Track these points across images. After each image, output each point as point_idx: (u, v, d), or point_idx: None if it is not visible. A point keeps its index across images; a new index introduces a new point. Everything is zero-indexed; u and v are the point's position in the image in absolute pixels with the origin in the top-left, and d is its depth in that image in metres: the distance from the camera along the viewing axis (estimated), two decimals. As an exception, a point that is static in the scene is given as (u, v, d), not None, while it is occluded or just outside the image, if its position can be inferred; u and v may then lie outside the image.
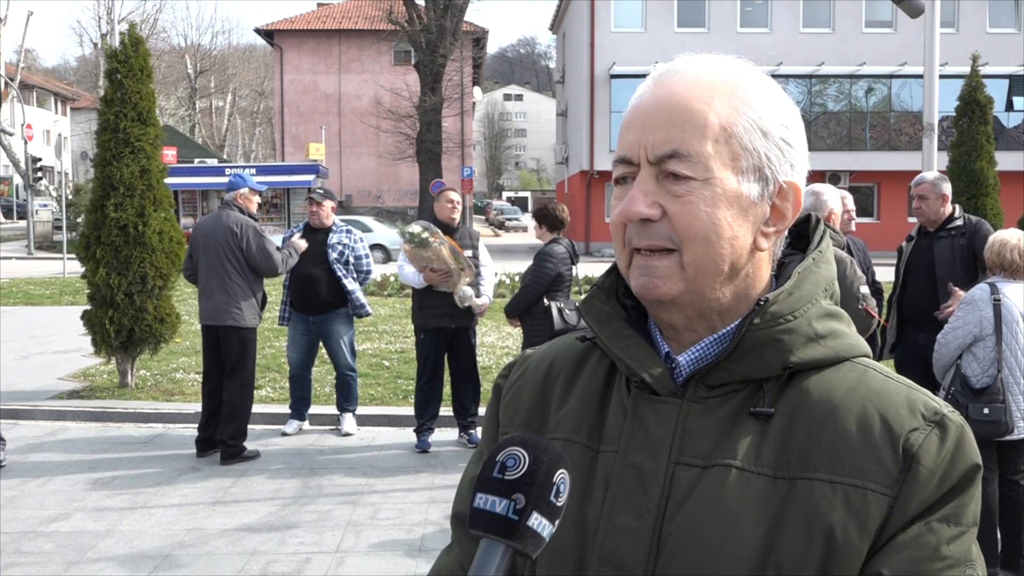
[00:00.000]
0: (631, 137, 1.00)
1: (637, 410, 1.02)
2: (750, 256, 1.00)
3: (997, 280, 4.47)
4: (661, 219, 0.97)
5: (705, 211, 0.96)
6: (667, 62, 1.05)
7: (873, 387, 0.97)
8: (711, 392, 1.00)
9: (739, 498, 0.94)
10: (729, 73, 1.01)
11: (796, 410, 0.97)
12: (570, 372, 1.12)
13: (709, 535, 0.94)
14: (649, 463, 0.99)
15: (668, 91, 1.00)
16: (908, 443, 0.93)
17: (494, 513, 0.84)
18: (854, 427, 0.94)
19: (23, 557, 4.89)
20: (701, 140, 0.97)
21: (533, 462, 0.86)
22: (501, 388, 1.18)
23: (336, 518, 5.53)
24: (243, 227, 6.64)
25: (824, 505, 0.92)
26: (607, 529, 0.99)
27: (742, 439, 0.96)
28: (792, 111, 1.03)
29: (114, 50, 8.41)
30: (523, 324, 6.59)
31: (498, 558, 0.84)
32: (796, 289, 0.99)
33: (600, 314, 1.08)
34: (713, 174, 0.97)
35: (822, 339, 0.99)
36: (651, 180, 0.98)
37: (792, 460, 0.94)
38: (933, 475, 0.92)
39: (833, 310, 1.02)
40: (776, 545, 0.92)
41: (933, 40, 5.06)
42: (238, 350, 6.67)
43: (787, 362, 0.97)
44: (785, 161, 1.01)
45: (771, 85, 1.02)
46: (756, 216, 1.00)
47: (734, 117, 0.98)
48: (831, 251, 1.06)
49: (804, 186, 1.04)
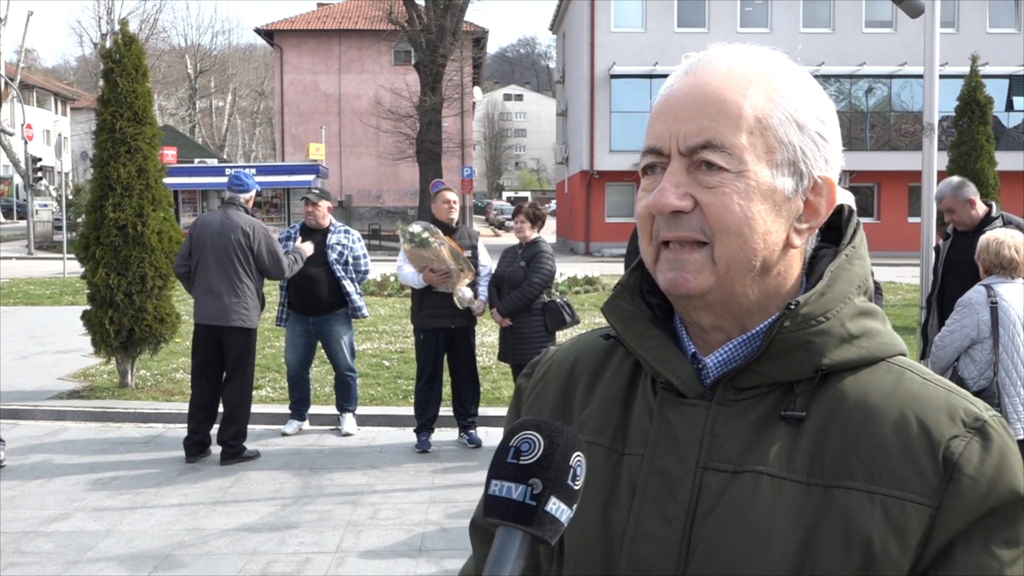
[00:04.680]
0: (661, 127, 0.97)
1: (664, 413, 0.99)
2: (782, 253, 0.97)
3: (993, 281, 4.46)
4: (693, 210, 0.94)
5: (739, 203, 0.93)
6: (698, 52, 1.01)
7: (911, 391, 0.94)
8: (740, 395, 0.97)
9: (771, 505, 0.91)
10: (764, 64, 0.98)
11: (830, 414, 0.93)
12: (593, 371, 1.09)
13: (740, 543, 0.91)
14: (677, 468, 0.96)
15: (701, 81, 0.96)
16: (948, 451, 0.89)
17: (510, 499, 0.82)
18: (892, 434, 0.91)
19: (23, 557, 4.89)
20: (735, 131, 0.94)
21: (548, 445, 0.83)
22: (523, 389, 1.15)
23: (336, 518, 5.53)
24: (256, 229, 6.65)
25: (862, 516, 0.88)
26: (634, 536, 0.96)
27: (773, 444, 0.93)
28: (827, 105, 0.99)
29: (108, 50, 8.41)
30: (517, 321, 6.58)
31: (516, 545, 0.81)
32: (828, 289, 0.96)
33: (625, 314, 1.04)
34: (747, 167, 0.94)
35: (855, 339, 0.96)
36: (682, 171, 0.95)
37: (827, 467, 0.91)
38: (976, 484, 0.88)
39: (867, 308, 0.98)
40: (811, 556, 0.89)
41: (933, 40, 5.06)
42: (242, 350, 6.66)
43: (819, 364, 0.94)
44: (820, 156, 0.98)
45: (806, 77, 0.99)
46: (790, 212, 0.97)
47: (769, 109, 0.95)
48: (865, 245, 1.03)
49: (838, 181, 1.01)
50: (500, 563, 0.81)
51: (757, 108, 0.95)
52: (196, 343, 6.74)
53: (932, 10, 5.04)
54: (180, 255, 6.79)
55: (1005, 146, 26.01)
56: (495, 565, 0.81)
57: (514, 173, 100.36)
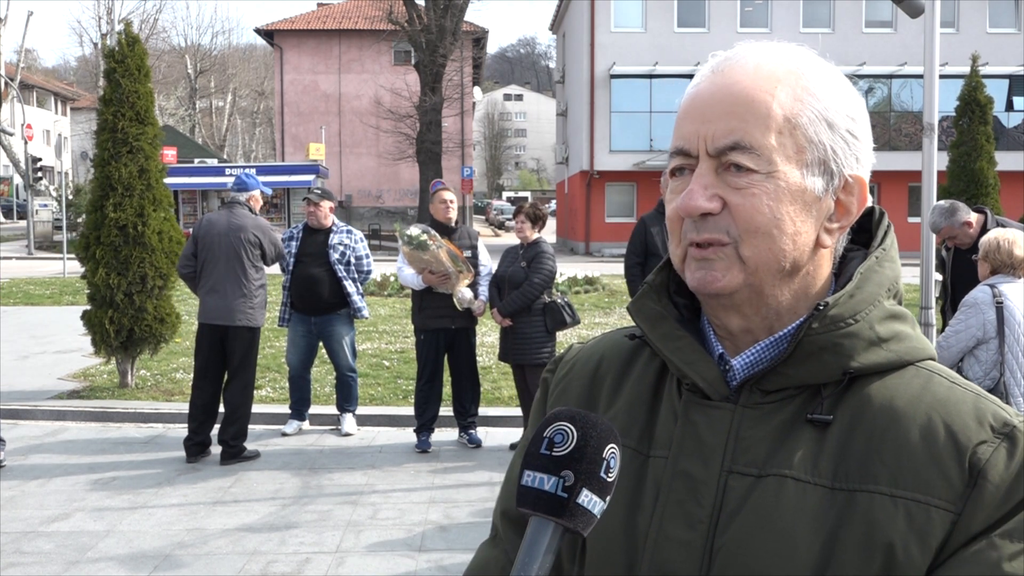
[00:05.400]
0: (689, 128, 0.95)
1: (688, 415, 0.98)
2: (812, 253, 0.96)
3: (998, 281, 4.45)
4: (721, 212, 0.93)
5: (768, 204, 0.92)
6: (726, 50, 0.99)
7: (939, 395, 0.93)
8: (766, 398, 0.96)
9: (795, 510, 0.90)
10: (792, 62, 0.96)
11: (856, 417, 0.93)
12: (619, 371, 1.08)
13: (763, 548, 0.90)
14: (701, 471, 0.96)
15: (728, 80, 0.95)
16: (975, 457, 0.88)
17: (542, 491, 0.82)
18: (918, 438, 0.90)
19: (23, 557, 4.89)
20: (764, 132, 0.92)
21: (582, 437, 0.83)
22: (549, 382, 1.14)
23: (336, 518, 5.53)
24: (264, 230, 6.75)
25: (885, 520, 0.88)
26: (657, 539, 0.96)
27: (798, 448, 0.92)
28: (858, 102, 0.98)
29: (111, 50, 8.42)
30: (518, 322, 6.58)
31: (548, 537, 0.81)
32: (858, 291, 0.95)
33: (651, 314, 1.03)
34: (776, 167, 0.93)
35: (884, 343, 0.95)
36: (711, 173, 0.94)
37: (851, 470, 0.90)
38: (999, 490, 0.87)
39: (896, 311, 0.97)
40: (834, 560, 0.88)
41: (933, 40, 5.06)
42: (246, 350, 6.66)
43: (847, 367, 0.93)
44: (851, 154, 0.96)
45: (836, 74, 0.98)
46: (820, 211, 0.96)
47: (798, 108, 0.94)
48: (895, 248, 1.02)
49: (869, 180, 0.99)
50: (532, 552, 0.81)
51: (786, 107, 0.93)
52: (199, 343, 6.73)
53: (932, 10, 5.04)
54: (184, 256, 6.79)
55: (1005, 146, 26.02)
56: (527, 555, 0.81)
57: (514, 173, 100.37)
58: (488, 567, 1.13)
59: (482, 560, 1.14)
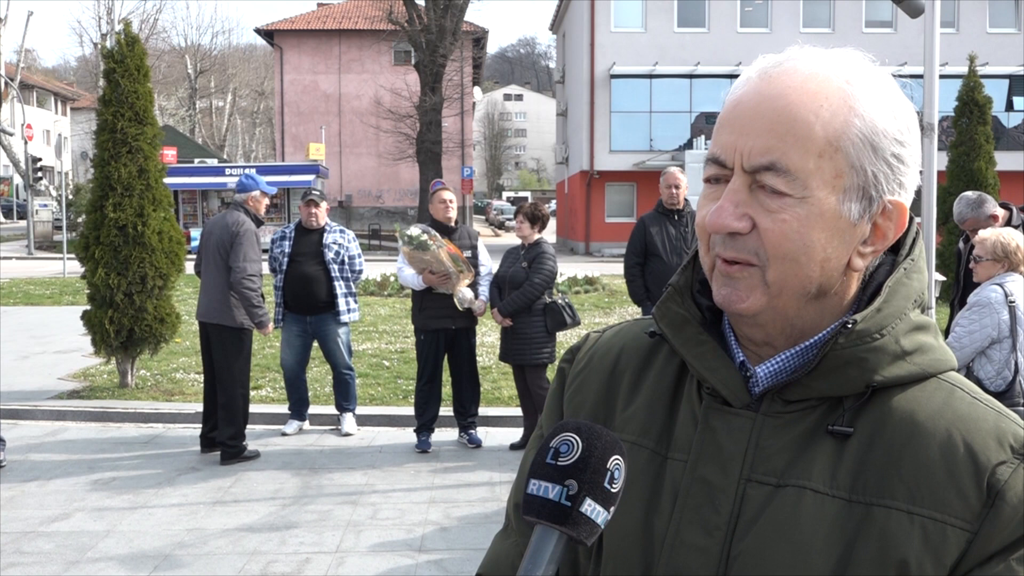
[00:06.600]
0: (727, 139, 0.93)
1: (708, 421, 0.98)
2: (842, 275, 0.94)
3: (1004, 279, 4.42)
4: (750, 232, 0.91)
5: (797, 231, 0.90)
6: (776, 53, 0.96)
7: (960, 411, 0.92)
8: (787, 407, 0.95)
9: (812, 522, 0.90)
10: (843, 75, 0.92)
11: (876, 430, 0.92)
12: (638, 368, 1.07)
13: (779, 559, 0.90)
14: (719, 478, 0.95)
15: (774, 91, 0.91)
16: (994, 478, 0.87)
17: (547, 499, 0.83)
18: (937, 455, 0.89)
19: (23, 557, 4.89)
20: (803, 154, 0.89)
21: (586, 448, 0.84)
22: (565, 373, 1.13)
23: (336, 518, 5.53)
24: (239, 226, 6.64)
25: (900, 536, 0.87)
26: (674, 543, 0.96)
27: (818, 459, 0.92)
28: (909, 121, 0.93)
29: (110, 50, 8.42)
30: (518, 322, 6.59)
31: (552, 545, 0.83)
32: (885, 305, 0.93)
33: (676, 318, 1.02)
34: (811, 192, 0.89)
35: (909, 356, 0.93)
36: (743, 189, 0.91)
37: (869, 484, 0.90)
38: (1017, 512, 0.86)
39: (921, 322, 0.95)
40: (848, 573, 0.88)
41: (933, 40, 5.05)
42: (227, 349, 6.67)
43: (871, 381, 0.92)
44: (894, 179, 0.93)
45: (890, 90, 0.93)
46: (853, 236, 0.93)
47: (843, 130, 0.90)
48: (923, 257, 0.99)
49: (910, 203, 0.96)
50: (536, 560, 0.83)
51: (829, 129, 0.89)
52: (200, 341, 6.99)
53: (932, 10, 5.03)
54: (196, 256, 7.00)
55: (1004, 146, 26.03)
56: (531, 563, 0.83)
57: (514, 173, 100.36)
58: (500, 562, 1.14)
59: (495, 555, 1.15)
